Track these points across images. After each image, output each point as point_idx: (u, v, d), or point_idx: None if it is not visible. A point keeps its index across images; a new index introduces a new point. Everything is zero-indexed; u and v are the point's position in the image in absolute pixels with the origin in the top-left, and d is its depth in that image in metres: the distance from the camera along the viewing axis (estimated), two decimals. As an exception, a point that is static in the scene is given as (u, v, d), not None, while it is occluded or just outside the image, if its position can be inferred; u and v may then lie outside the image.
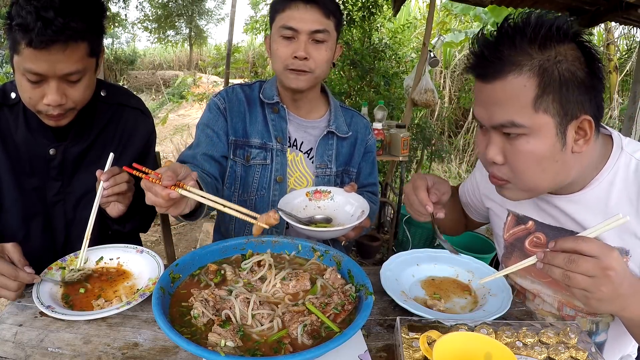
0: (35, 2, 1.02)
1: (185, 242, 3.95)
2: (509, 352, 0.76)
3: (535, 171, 0.93)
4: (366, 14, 4.28)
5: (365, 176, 1.62)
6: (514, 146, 0.92)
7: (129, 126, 1.39)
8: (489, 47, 0.89)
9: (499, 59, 0.88)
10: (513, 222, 1.22)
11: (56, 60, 1.07)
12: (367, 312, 0.79)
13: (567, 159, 0.92)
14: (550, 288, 1.15)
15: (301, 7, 1.34)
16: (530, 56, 0.86)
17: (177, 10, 15.39)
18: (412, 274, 1.19)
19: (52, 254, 1.27)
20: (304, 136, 1.51)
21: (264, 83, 1.55)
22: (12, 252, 1.03)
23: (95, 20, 1.13)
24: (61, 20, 1.03)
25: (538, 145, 0.90)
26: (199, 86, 10.31)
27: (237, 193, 1.49)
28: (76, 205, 1.32)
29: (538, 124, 0.88)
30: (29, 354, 0.85)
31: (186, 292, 0.91)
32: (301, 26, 1.33)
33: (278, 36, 1.37)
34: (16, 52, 1.08)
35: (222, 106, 1.47)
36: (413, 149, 4.27)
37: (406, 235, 3.63)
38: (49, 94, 1.11)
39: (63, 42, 1.05)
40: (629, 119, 2.97)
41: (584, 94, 0.87)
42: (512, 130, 0.90)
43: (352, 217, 1.28)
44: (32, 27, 1.01)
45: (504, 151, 0.94)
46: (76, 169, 1.31)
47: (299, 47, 1.34)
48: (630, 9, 2.89)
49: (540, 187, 0.98)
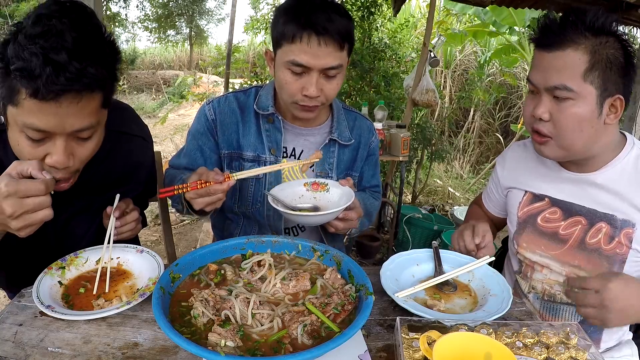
0: (41, 42, 0.82)
1: (185, 242, 3.95)
2: (509, 352, 0.76)
3: (575, 130, 1.11)
4: (365, 13, 4.27)
5: (368, 179, 1.59)
6: (562, 107, 1.10)
7: (132, 158, 1.30)
8: (556, 25, 1.11)
9: (562, 35, 1.08)
10: (529, 200, 1.35)
11: (66, 114, 0.89)
12: (367, 312, 0.79)
13: (599, 127, 1.12)
14: (559, 261, 1.27)
15: (313, 42, 1.18)
16: (586, 38, 1.07)
17: (177, 10, 15.41)
18: (412, 274, 1.19)
19: (44, 264, 1.12)
20: (303, 144, 1.45)
21: (260, 89, 1.46)
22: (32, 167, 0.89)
23: (112, 65, 0.95)
24: (77, 66, 0.84)
25: (581, 109, 1.09)
26: (199, 86, 10.30)
27: (236, 205, 1.47)
28: (68, 220, 1.26)
29: (584, 91, 1.08)
30: (29, 354, 0.85)
31: (186, 292, 0.91)
32: (314, 63, 1.20)
33: (285, 68, 1.24)
34: (13, 103, 0.88)
35: (211, 118, 1.40)
36: (413, 149, 4.27)
37: (406, 235, 3.64)
38: (55, 153, 0.93)
39: (77, 92, 0.87)
40: (629, 119, 2.97)
41: (621, 77, 1.09)
42: (562, 94, 1.09)
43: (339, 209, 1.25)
44: (38, 73, 0.81)
45: (551, 111, 1.12)
46: (72, 195, 1.18)
47: (310, 84, 1.23)
48: (631, 9, 2.89)
49: (575, 146, 1.14)
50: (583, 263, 1.23)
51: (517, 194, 1.39)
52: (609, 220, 1.19)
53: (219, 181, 1.08)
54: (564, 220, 1.26)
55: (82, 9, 0.92)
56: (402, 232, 3.64)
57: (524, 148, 1.42)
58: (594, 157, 1.20)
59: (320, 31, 1.17)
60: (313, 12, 1.17)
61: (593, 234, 1.21)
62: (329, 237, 1.55)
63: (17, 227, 0.89)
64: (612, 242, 1.18)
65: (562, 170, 1.28)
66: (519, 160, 1.41)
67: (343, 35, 1.21)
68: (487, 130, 6.96)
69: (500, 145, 6.57)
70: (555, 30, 1.10)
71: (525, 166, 1.38)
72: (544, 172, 1.32)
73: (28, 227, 0.90)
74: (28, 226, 0.90)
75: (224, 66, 5.82)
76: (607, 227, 1.19)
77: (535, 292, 1.33)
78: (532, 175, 1.35)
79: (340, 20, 1.20)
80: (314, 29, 1.17)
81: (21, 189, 0.86)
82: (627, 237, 1.17)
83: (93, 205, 1.25)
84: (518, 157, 1.42)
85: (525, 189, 1.36)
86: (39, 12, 0.86)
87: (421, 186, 5.07)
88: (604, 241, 1.20)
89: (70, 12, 0.89)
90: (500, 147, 6.59)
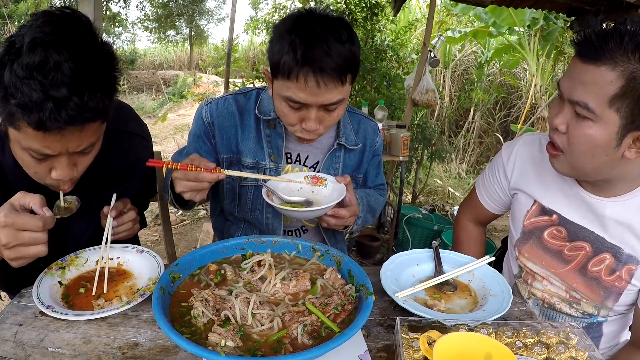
0: (40, 77, 0.80)
1: (185, 242, 3.95)
2: (509, 352, 0.76)
3: (586, 153, 1.01)
4: (369, 14, 4.28)
5: (372, 178, 1.59)
6: (579, 125, 1.00)
7: (131, 156, 1.30)
8: (599, 35, 0.95)
9: (602, 48, 0.93)
10: (537, 211, 1.27)
11: (69, 140, 0.90)
12: (367, 312, 0.79)
13: (615, 159, 1.00)
14: (559, 278, 1.23)
15: (311, 82, 1.07)
16: (628, 60, 0.91)
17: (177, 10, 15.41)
18: (412, 274, 1.19)
19: (44, 265, 1.12)
20: (308, 150, 1.41)
21: (261, 92, 1.39)
22: (33, 203, 0.92)
23: (113, 87, 0.93)
24: (77, 101, 0.83)
25: (598, 134, 0.97)
26: (199, 86, 10.30)
27: (236, 209, 1.45)
28: (67, 219, 1.22)
29: (606, 117, 0.95)
30: (29, 354, 0.85)
31: (186, 292, 0.91)
32: (312, 101, 1.12)
33: (283, 100, 1.16)
34: (14, 126, 0.88)
35: (207, 121, 1.35)
36: (413, 149, 4.27)
37: (406, 235, 3.64)
38: (59, 168, 0.96)
39: (80, 124, 0.87)
40: None
41: None
42: (582, 112, 0.98)
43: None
44: (39, 109, 0.81)
45: (569, 123, 1.02)
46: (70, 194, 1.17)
47: (309, 119, 1.16)
48: (631, 9, 2.89)
49: (585, 170, 1.06)
50: (581, 287, 1.20)
51: (524, 201, 1.30)
52: (615, 253, 1.14)
53: (209, 169, 1.05)
54: (569, 242, 1.21)
55: (77, 23, 0.89)
56: (402, 232, 3.64)
57: (539, 147, 1.28)
58: (611, 182, 1.11)
59: (317, 71, 1.06)
60: (310, 46, 1.06)
61: (595, 263, 1.17)
62: (331, 238, 1.55)
63: (9, 257, 0.92)
64: (613, 275, 1.15)
65: (577, 187, 1.18)
66: (533, 161, 1.28)
67: (343, 68, 1.10)
68: (487, 130, 6.97)
69: (500, 145, 6.55)
70: (594, 41, 0.95)
71: (538, 171, 1.27)
72: (558, 184, 1.22)
73: (21, 259, 0.93)
74: (20, 258, 0.93)
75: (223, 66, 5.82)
76: (611, 259, 1.15)
77: (535, 299, 1.31)
78: (544, 183, 1.25)
79: (341, 49, 1.08)
80: (311, 66, 1.06)
81: (19, 222, 0.89)
82: (628, 273, 1.13)
83: (92, 205, 1.25)
84: (531, 156, 1.29)
85: (535, 198, 1.27)
86: (34, 36, 0.82)
87: (421, 186, 5.07)
88: (604, 272, 1.16)
89: (65, 32, 0.85)
90: (500, 147, 6.57)
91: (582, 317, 1.24)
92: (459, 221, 1.57)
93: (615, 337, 1.27)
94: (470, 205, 1.52)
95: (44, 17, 0.86)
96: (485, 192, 1.44)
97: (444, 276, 1.13)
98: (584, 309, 1.22)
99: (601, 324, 1.24)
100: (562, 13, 3.63)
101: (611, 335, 1.26)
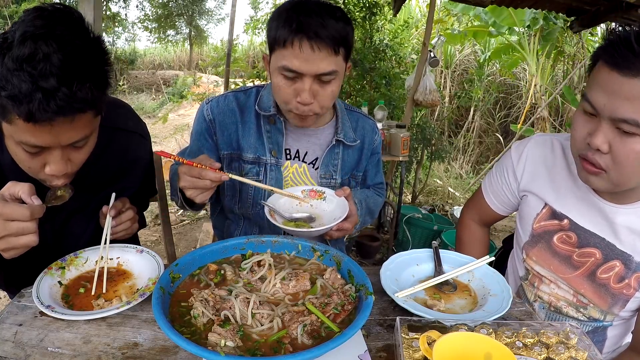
0: (29, 68, 0.81)
1: (185, 242, 3.95)
2: (509, 352, 0.76)
3: (635, 168, 0.95)
4: (367, 14, 4.28)
5: (372, 177, 1.59)
6: (626, 142, 0.93)
7: (129, 154, 1.30)
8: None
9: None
10: (547, 215, 1.25)
11: (60, 132, 0.90)
12: (367, 312, 0.79)
13: None
14: (567, 283, 1.22)
15: (305, 47, 1.14)
16: None
17: (177, 10, 15.41)
18: (412, 274, 1.19)
19: (44, 264, 1.13)
20: (307, 146, 1.43)
21: (261, 89, 1.43)
22: (22, 192, 0.91)
23: (104, 80, 0.94)
24: (66, 91, 0.83)
25: None
26: (199, 86, 10.31)
27: (237, 206, 1.45)
28: (66, 219, 1.26)
29: None
30: (28, 354, 0.85)
31: (186, 292, 0.91)
32: (306, 69, 1.16)
33: (279, 73, 1.21)
34: (6, 120, 0.89)
35: (209, 118, 1.38)
36: (413, 149, 4.27)
37: (406, 235, 3.64)
38: (52, 163, 0.96)
39: (70, 114, 0.88)
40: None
41: None
42: (630, 129, 0.90)
43: (334, 220, 1.22)
44: (29, 100, 0.82)
45: (611, 142, 0.95)
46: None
47: (303, 91, 1.19)
48: (631, 9, 2.88)
49: (629, 184, 1.01)
50: (589, 293, 1.20)
51: (534, 204, 1.28)
52: (625, 260, 1.13)
53: (214, 168, 1.07)
54: (578, 248, 1.19)
55: (67, 17, 0.89)
56: (402, 232, 3.64)
57: (551, 150, 1.25)
58: (632, 190, 1.08)
59: (312, 36, 1.13)
60: (306, 17, 1.13)
61: (605, 270, 1.16)
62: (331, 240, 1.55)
63: (0, 248, 0.91)
64: (622, 283, 1.14)
65: (590, 192, 1.16)
66: (545, 163, 1.26)
67: (337, 40, 1.16)
68: (487, 130, 6.97)
69: (500, 145, 6.58)
70: (637, 51, 0.86)
71: (550, 174, 1.24)
72: (570, 187, 1.20)
73: (12, 250, 0.92)
74: (11, 249, 0.92)
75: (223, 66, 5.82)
76: (620, 266, 1.14)
77: (541, 302, 1.30)
78: (555, 186, 1.23)
79: (335, 24, 1.15)
80: (305, 33, 1.13)
81: (6, 212, 0.88)
82: (637, 281, 1.13)
83: (90, 204, 1.25)
84: (543, 158, 1.26)
85: (546, 201, 1.24)
86: (25, 30, 0.83)
87: (421, 186, 5.07)
88: (613, 280, 1.15)
89: (55, 25, 0.86)
90: (500, 147, 6.59)
91: (588, 321, 1.24)
92: (462, 221, 1.55)
93: (618, 340, 1.27)
94: (475, 205, 1.50)
95: (35, 12, 0.87)
96: (492, 192, 1.41)
97: (444, 276, 1.13)
98: (591, 314, 1.22)
99: (606, 328, 1.24)
100: (562, 13, 3.63)
101: (615, 339, 1.26)
